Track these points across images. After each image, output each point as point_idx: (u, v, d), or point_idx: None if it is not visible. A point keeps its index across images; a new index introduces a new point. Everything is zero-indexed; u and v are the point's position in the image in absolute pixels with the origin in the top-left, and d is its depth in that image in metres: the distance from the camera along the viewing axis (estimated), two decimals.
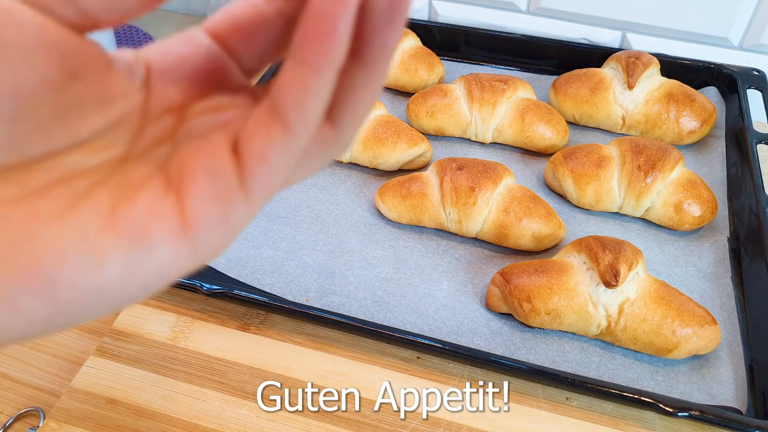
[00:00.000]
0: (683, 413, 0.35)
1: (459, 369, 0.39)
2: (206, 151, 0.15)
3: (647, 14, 0.61)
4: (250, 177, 0.15)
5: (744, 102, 0.54)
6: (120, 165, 0.16)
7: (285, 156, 0.15)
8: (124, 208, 0.14)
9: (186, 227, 0.15)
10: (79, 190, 0.15)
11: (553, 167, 0.50)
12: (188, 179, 0.15)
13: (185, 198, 0.15)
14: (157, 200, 0.15)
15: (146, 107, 0.17)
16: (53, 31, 0.14)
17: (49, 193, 0.14)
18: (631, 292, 0.39)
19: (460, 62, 0.64)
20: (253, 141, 0.15)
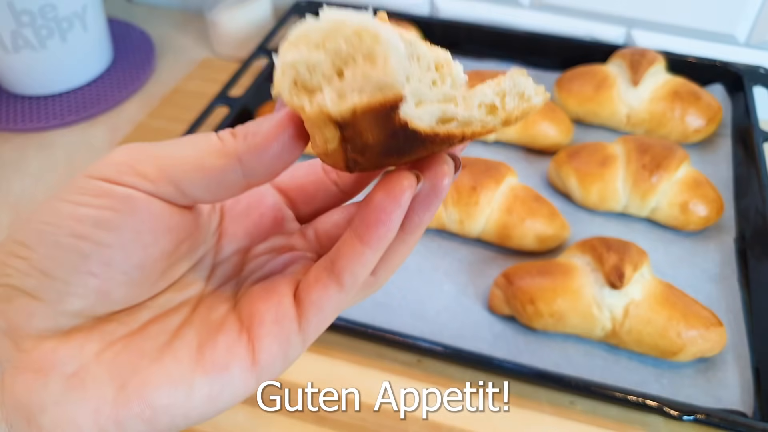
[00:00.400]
0: (688, 417, 0.34)
1: (461, 373, 0.39)
2: (273, 300, 0.19)
3: (652, 10, 0.60)
4: (307, 322, 0.19)
5: (750, 100, 0.53)
6: (199, 302, 0.20)
7: (336, 306, 0.19)
8: (209, 348, 0.18)
9: (255, 363, 0.18)
10: (172, 329, 0.19)
11: (556, 166, 0.49)
12: (258, 323, 0.19)
13: (255, 339, 0.18)
14: (233, 341, 0.18)
15: (218, 248, 0.21)
16: (173, 215, 0.18)
17: (148, 331, 0.18)
18: (636, 294, 0.38)
19: (461, 58, 0.63)
20: (312, 293, 0.19)
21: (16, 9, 0.54)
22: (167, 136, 0.57)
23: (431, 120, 0.16)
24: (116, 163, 0.17)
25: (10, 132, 0.59)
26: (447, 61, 0.16)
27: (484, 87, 0.17)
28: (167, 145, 0.18)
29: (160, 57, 0.68)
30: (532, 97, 0.17)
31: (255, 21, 0.66)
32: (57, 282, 0.16)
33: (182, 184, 0.17)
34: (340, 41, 0.14)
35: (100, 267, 0.17)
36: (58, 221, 0.16)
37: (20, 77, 0.60)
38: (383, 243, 0.18)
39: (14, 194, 0.53)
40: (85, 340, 0.17)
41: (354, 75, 0.14)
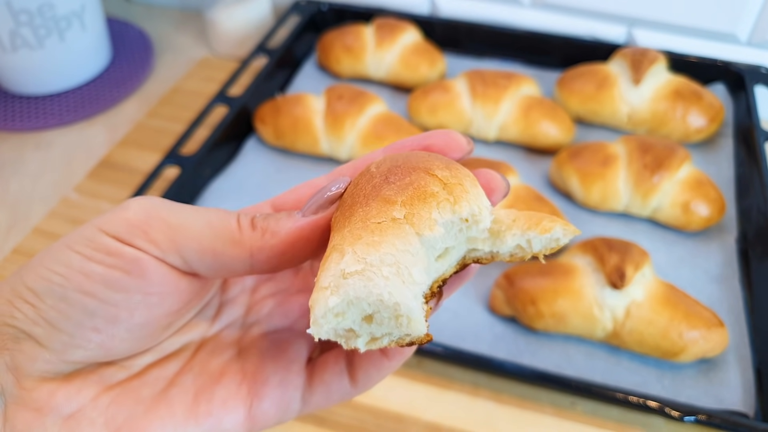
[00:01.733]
0: (690, 418, 0.34)
1: (461, 374, 0.39)
2: (282, 361, 0.20)
3: (653, 9, 0.59)
4: (311, 397, 0.20)
5: (752, 99, 0.53)
6: (201, 345, 0.20)
7: (343, 396, 0.20)
8: (205, 400, 0.18)
9: (250, 420, 0.19)
10: (170, 374, 0.19)
11: (558, 166, 0.49)
12: (262, 382, 0.19)
13: (255, 397, 0.19)
14: (231, 394, 0.19)
15: (225, 287, 0.21)
16: (181, 280, 0.18)
17: (147, 376, 0.19)
18: (638, 295, 0.38)
19: (462, 57, 0.63)
20: (326, 374, 0.20)
21: (14, 8, 0.54)
22: (166, 135, 0.57)
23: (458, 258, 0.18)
24: (129, 223, 0.17)
25: (9, 131, 0.59)
26: (472, 214, 0.17)
27: (509, 237, 0.18)
28: (184, 214, 0.18)
29: (159, 56, 0.68)
30: (560, 238, 0.18)
31: (254, 20, 0.66)
32: (62, 334, 0.17)
33: (190, 261, 0.17)
34: (364, 305, 0.15)
35: (105, 324, 0.17)
36: (67, 273, 0.17)
37: (18, 76, 0.60)
38: (404, 359, 0.19)
39: (12, 194, 0.53)
40: (83, 383, 0.18)
41: (380, 325, 0.16)
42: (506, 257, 0.18)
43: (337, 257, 0.16)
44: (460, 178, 0.18)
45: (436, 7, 0.66)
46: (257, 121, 0.54)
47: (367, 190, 0.18)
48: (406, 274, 0.16)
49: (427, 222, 0.17)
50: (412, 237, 0.16)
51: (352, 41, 0.59)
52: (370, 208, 0.17)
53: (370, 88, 0.59)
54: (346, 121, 0.51)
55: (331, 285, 0.15)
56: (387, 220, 0.17)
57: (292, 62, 0.62)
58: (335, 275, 0.15)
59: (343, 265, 0.15)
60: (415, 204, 0.17)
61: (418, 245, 0.17)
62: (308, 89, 0.59)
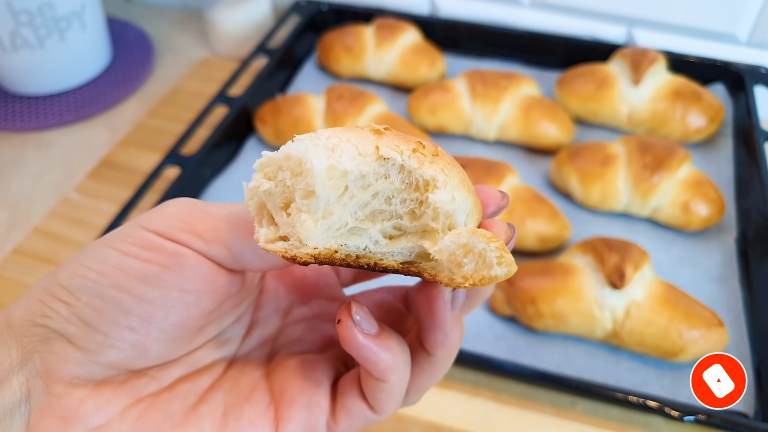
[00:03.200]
0: (689, 417, 0.34)
1: (461, 374, 0.39)
2: (309, 383, 0.19)
3: (653, 9, 0.59)
4: (336, 423, 0.19)
5: (751, 99, 0.53)
6: (231, 363, 0.20)
7: (366, 422, 0.19)
8: (233, 419, 0.18)
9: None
10: (201, 390, 0.19)
11: (558, 166, 0.49)
12: (288, 404, 0.19)
13: (281, 419, 0.19)
14: (258, 414, 0.18)
15: (258, 304, 0.21)
16: (220, 277, 0.18)
17: (178, 390, 0.18)
18: (638, 294, 0.38)
19: (461, 57, 0.63)
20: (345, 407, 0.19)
21: (14, 8, 0.54)
22: (166, 135, 0.57)
23: (405, 257, 0.17)
24: (171, 217, 0.17)
25: (9, 131, 0.59)
26: (434, 180, 0.16)
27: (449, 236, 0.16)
28: (225, 206, 0.18)
29: (159, 56, 0.68)
30: (494, 266, 0.16)
31: (254, 20, 0.66)
32: (96, 333, 0.16)
33: (235, 249, 0.17)
34: (287, 174, 0.15)
35: (140, 322, 0.17)
36: (103, 269, 0.16)
37: (19, 76, 0.60)
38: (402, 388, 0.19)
39: (12, 194, 0.53)
40: (113, 394, 0.17)
41: (287, 221, 0.15)
42: (445, 276, 0.16)
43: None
44: (457, 169, 0.17)
45: (436, 8, 0.66)
46: (257, 121, 0.54)
47: None
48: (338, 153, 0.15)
49: (393, 146, 0.16)
50: (369, 141, 0.16)
51: (352, 41, 0.59)
52: None
53: (370, 88, 0.59)
54: (346, 121, 0.51)
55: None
56: (365, 126, 0.17)
57: (292, 62, 0.62)
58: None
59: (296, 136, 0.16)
60: (398, 136, 0.16)
61: (371, 152, 0.15)
62: (308, 89, 0.59)
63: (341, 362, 0.21)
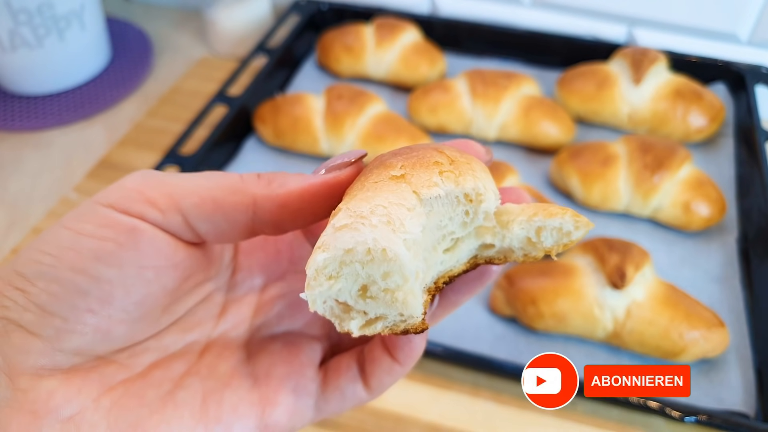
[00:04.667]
0: (690, 418, 0.34)
1: (461, 374, 0.39)
2: (295, 366, 0.19)
3: (654, 9, 0.59)
4: (326, 403, 0.19)
5: (752, 99, 0.53)
6: (207, 347, 0.19)
7: (358, 401, 0.19)
8: (214, 404, 0.17)
9: (261, 428, 0.18)
10: (176, 376, 0.18)
11: (558, 166, 0.49)
12: (275, 388, 0.18)
13: (267, 403, 0.18)
14: (241, 399, 0.18)
15: (232, 283, 0.20)
16: (179, 251, 0.17)
17: (151, 377, 0.17)
18: (638, 295, 0.38)
19: (462, 57, 0.63)
20: (340, 380, 0.19)
21: (13, 7, 0.54)
22: (166, 135, 0.57)
23: (468, 255, 0.18)
24: (127, 188, 0.16)
25: (8, 131, 0.59)
26: (476, 191, 0.17)
27: (515, 225, 0.17)
28: (183, 176, 0.17)
29: (158, 56, 0.68)
30: (572, 232, 0.17)
31: (254, 19, 0.65)
32: (55, 318, 0.16)
33: (190, 216, 0.16)
34: (356, 267, 0.15)
35: (99, 304, 0.16)
36: (58, 252, 0.16)
37: (18, 76, 0.60)
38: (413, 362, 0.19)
39: (11, 194, 0.53)
40: (84, 382, 0.16)
41: (375, 299, 0.15)
42: (519, 255, 0.17)
43: (332, 218, 0.15)
44: (469, 159, 0.17)
45: (436, 7, 0.66)
46: (257, 121, 0.54)
47: (374, 164, 0.18)
48: (398, 223, 0.15)
49: (425, 181, 0.16)
50: (407, 192, 0.16)
51: (352, 41, 0.59)
52: (371, 175, 0.17)
53: (370, 87, 0.59)
54: (346, 120, 0.51)
55: (323, 243, 0.15)
56: (384, 179, 0.16)
57: (291, 62, 0.62)
58: (328, 233, 0.15)
59: (334, 221, 0.15)
60: (416, 168, 0.16)
61: (415, 202, 0.16)
62: (308, 89, 0.59)
63: (327, 341, 0.21)
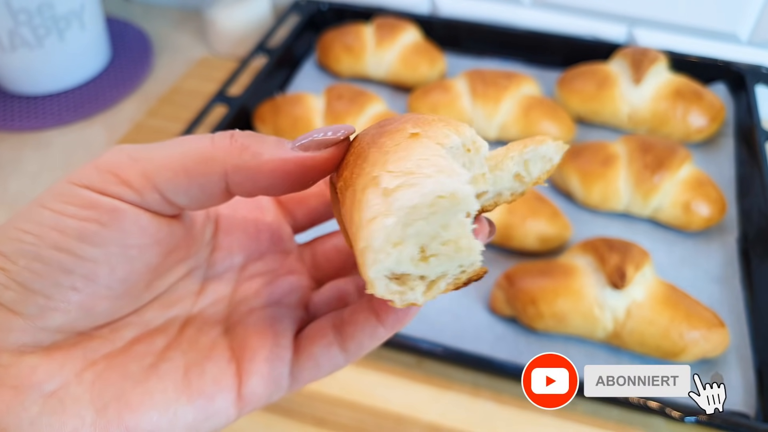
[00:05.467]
0: (690, 418, 0.34)
1: (461, 374, 0.39)
2: (269, 337, 0.19)
3: (654, 9, 0.59)
4: (300, 371, 0.19)
5: (753, 99, 0.53)
6: (187, 322, 0.19)
7: (334, 367, 0.19)
8: (196, 376, 0.18)
9: (240, 398, 0.18)
10: (158, 349, 0.18)
11: (558, 165, 0.49)
12: (249, 358, 0.18)
13: (243, 374, 0.18)
14: (221, 371, 0.18)
15: (211, 261, 0.20)
16: (161, 227, 0.17)
17: (134, 351, 0.18)
18: (639, 295, 0.38)
19: (462, 57, 0.63)
20: (314, 347, 0.19)
21: (13, 7, 0.54)
22: (166, 135, 0.57)
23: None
24: (101, 170, 0.16)
25: (8, 131, 0.59)
26: (473, 140, 0.17)
27: (508, 161, 0.18)
28: (155, 147, 0.17)
29: (158, 56, 0.68)
30: (553, 157, 0.18)
31: (254, 19, 0.65)
32: (37, 296, 0.15)
33: (166, 192, 0.16)
34: (420, 224, 0.14)
35: (83, 282, 0.16)
36: (39, 231, 0.15)
37: (17, 76, 0.60)
38: (401, 327, 0.19)
39: (11, 194, 0.53)
40: (66, 357, 0.16)
41: (438, 261, 0.15)
42: (507, 196, 0.18)
43: (373, 187, 0.14)
44: (448, 117, 0.18)
45: (436, 7, 0.66)
46: (257, 121, 0.54)
47: (368, 139, 0.17)
48: (449, 168, 0.14)
49: (442, 134, 0.16)
50: (435, 146, 0.15)
51: (352, 41, 0.59)
52: (382, 143, 0.16)
53: (370, 87, 0.59)
54: (346, 120, 0.51)
55: (380, 211, 0.13)
56: (405, 139, 0.16)
57: (291, 62, 0.62)
58: (378, 201, 0.14)
59: (383, 185, 0.14)
60: (424, 125, 0.16)
61: (444, 152, 0.15)
62: (308, 89, 0.59)
63: (303, 311, 0.21)
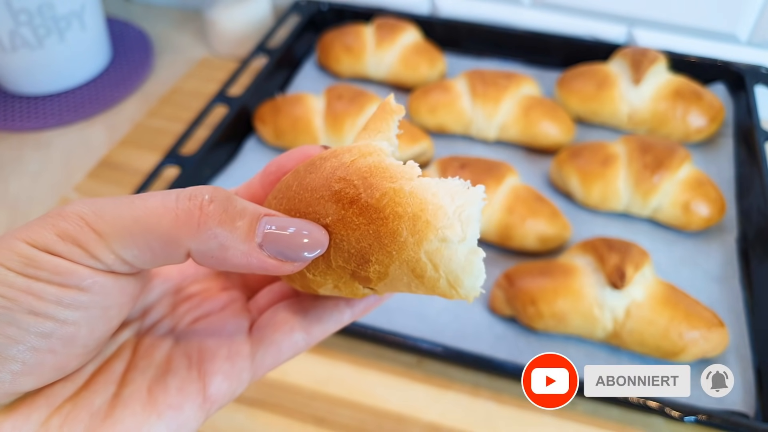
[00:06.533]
0: (690, 418, 0.34)
1: (461, 374, 0.39)
2: (224, 336, 0.19)
3: (654, 9, 0.59)
4: (262, 361, 0.19)
5: (752, 99, 0.53)
6: (138, 342, 0.19)
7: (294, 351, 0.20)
8: (161, 392, 0.18)
9: (206, 400, 0.18)
10: (117, 376, 0.18)
11: (558, 166, 0.49)
12: (209, 359, 0.19)
13: (206, 376, 0.19)
14: (183, 380, 0.18)
15: (150, 287, 0.21)
16: (138, 284, 0.18)
17: (95, 384, 0.18)
18: (638, 295, 0.38)
19: (462, 57, 0.63)
20: (276, 333, 0.20)
21: (14, 8, 0.54)
22: (166, 135, 0.57)
23: None
24: (64, 239, 0.15)
25: (8, 131, 0.59)
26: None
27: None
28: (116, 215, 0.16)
29: (159, 56, 0.68)
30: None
31: (254, 19, 0.65)
32: (11, 362, 0.15)
33: (133, 263, 0.16)
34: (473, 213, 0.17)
35: (62, 344, 0.15)
36: (11, 294, 0.15)
37: (18, 76, 0.60)
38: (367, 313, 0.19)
39: (12, 194, 0.53)
40: (30, 409, 0.16)
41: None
42: None
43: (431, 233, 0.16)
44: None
45: (436, 7, 0.66)
46: (257, 121, 0.54)
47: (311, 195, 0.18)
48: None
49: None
50: None
51: (352, 41, 0.59)
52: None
53: (370, 88, 0.59)
54: (346, 120, 0.51)
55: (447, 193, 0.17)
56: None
57: (292, 62, 0.62)
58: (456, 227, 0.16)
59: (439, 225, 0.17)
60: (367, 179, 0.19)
61: None
62: (308, 89, 0.59)
63: (247, 313, 0.21)
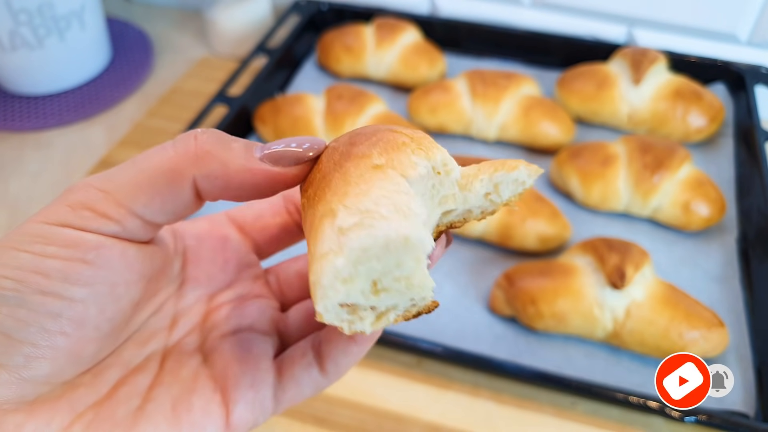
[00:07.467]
0: (690, 418, 0.34)
1: (461, 374, 0.39)
2: (250, 363, 0.19)
3: (654, 9, 0.59)
4: (283, 394, 0.19)
5: (752, 99, 0.53)
6: (165, 356, 0.19)
7: (316, 387, 0.20)
8: (185, 411, 0.18)
9: (228, 427, 0.18)
10: (142, 390, 0.18)
11: (558, 166, 0.49)
12: (233, 386, 0.19)
13: (230, 402, 0.18)
14: (208, 401, 0.18)
15: (180, 294, 0.20)
16: (145, 258, 0.17)
17: (118, 394, 0.17)
18: (638, 295, 0.38)
19: (462, 57, 0.63)
20: (295, 368, 0.20)
21: (13, 7, 0.54)
22: (166, 135, 0.57)
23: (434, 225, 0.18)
24: (74, 207, 0.15)
25: (8, 131, 0.59)
26: (444, 163, 0.17)
27: (477, 183, 0.18)
28: (118, 173, 0.16)
29: (159, 56, 0.68)
30: (526, 181, 0.18)
31: (254, 19, 0.65)
32: (23, 345, 0.15)
33: (146, 215, 0.16)
34: (373, 263, 0.14)
35: (73, 325, 0.15)
36: (19, 276, 0.15)
37: (18, 76, 0.60)
38: (372, 342, 0.19)
39: (12, 194, 0.53)
40: (52, 412, 0.16)
41: (389, 291, 0.15)
42: (477, 214, 0.18)
43: (330, 220, 0.15)
44: (422, 134, 0.18)
45: (436, 7, 0.66)
46: (257, 121, 0.54)
47: (336, 158, 0.17)
48: (406, 209, 0.15)
49: (408, 164, 0.16)
50: (398, 179, 0.16)
51: (352, 41, 0.59)
52: (346, 168, 0.16)
53: (370, 88, 0.59)
54: (346, 120, 0.51)
55: (331, 248, 0.14)
56: (368, 170, 0.16)
57: (291, 62, 0.62)
58: (332, 237, 0.14)
59: (339, 222, 0.14)
60: (391, 152, 0.16)
61: (407, 186, 0.16)
62: (308, 89, 0.59)
63: (276, 335, 0.21)
